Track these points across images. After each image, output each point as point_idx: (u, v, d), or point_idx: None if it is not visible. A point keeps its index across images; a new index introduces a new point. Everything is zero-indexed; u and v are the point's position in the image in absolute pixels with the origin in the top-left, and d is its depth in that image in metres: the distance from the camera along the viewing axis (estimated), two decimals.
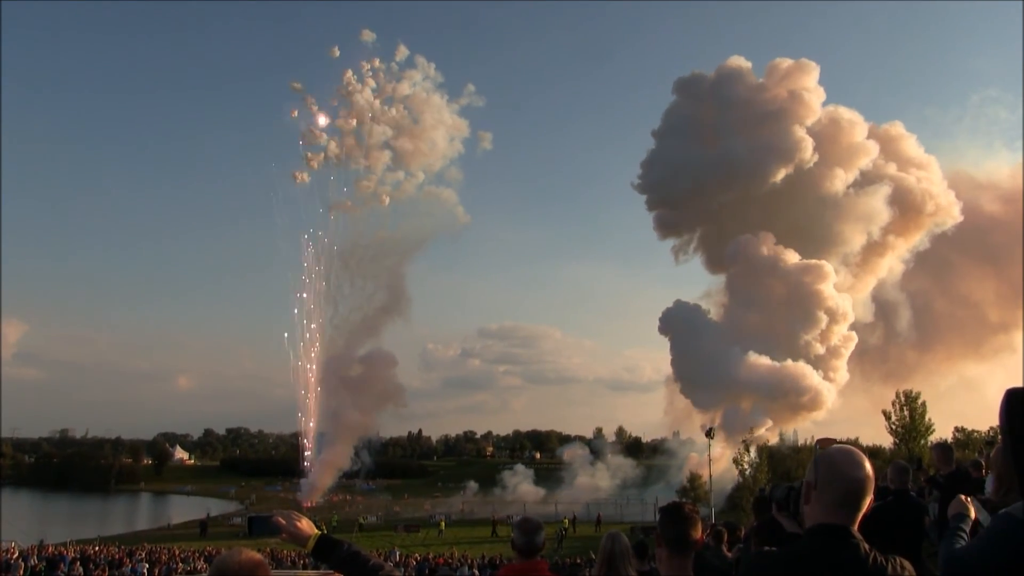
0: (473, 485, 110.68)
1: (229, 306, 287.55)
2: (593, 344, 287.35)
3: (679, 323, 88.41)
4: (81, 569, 32.17)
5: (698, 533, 3.92)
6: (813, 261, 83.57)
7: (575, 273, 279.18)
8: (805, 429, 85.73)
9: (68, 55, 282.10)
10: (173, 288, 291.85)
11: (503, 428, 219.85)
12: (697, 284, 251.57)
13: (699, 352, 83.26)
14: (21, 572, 32.01)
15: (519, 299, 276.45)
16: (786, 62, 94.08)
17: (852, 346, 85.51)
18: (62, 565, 33.19)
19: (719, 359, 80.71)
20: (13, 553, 38.06)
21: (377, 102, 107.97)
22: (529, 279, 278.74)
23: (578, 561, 34.46)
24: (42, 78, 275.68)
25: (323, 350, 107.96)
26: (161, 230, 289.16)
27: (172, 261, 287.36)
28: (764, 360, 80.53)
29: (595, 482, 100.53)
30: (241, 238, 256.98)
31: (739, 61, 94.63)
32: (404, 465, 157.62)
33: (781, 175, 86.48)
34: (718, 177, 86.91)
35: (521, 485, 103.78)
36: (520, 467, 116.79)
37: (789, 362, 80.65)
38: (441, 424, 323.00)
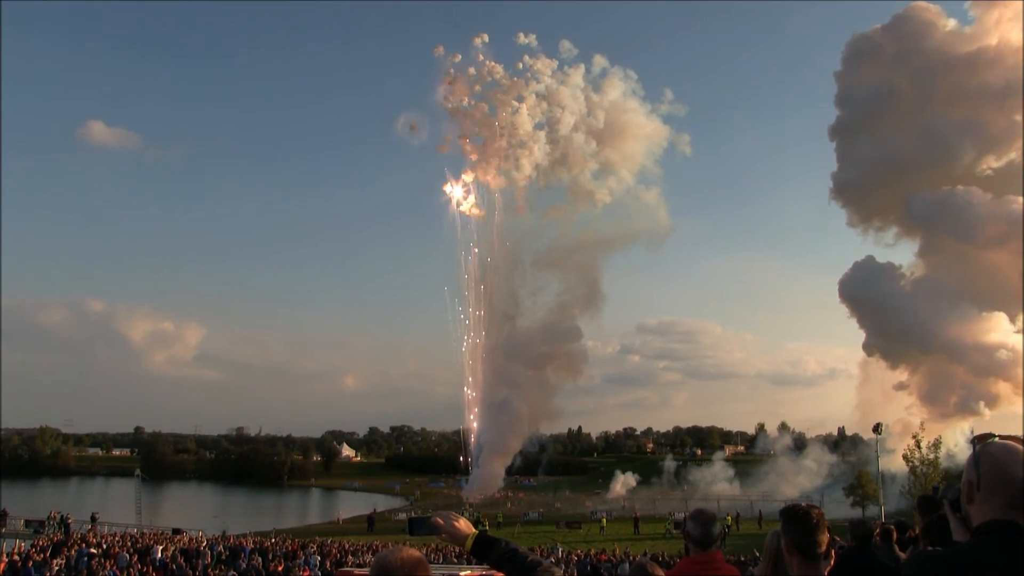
0: (671, 463, 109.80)
1: (392, 307, 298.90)
2: (754, 338, 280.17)
3: (866, 286, 79.43)
4: (260, 559, 33.83)
5: (826, 537, 3.84)
6: None
7: (732, 265, 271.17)
8: (986, 423, 76.80)
9: (255, 74, 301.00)
10: (339, 291, 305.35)
11: (663, 424, 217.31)
12: None
13: (895, 318, 74.59)
14: (209, 559, 34.24)
15: (676, 294, 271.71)
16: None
17: None
18: (243, 555, 35.17)
19: (920, 326, 72.10)
20: (202, 542, 40.72)
21: (582, 107, 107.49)
22: (685, 273, 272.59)
23: (743, 559, 33.66)
24: (212, 96, 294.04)
25: (493, 340, 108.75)
26: (327, 234, 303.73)
27: (337, 263, 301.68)
28: (982, 331, 71.81)
29: (789, 477, 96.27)
30: (405, 239, 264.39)
31: (925, 6, 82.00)
32: (564, 462, 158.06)
33: (1000, 163, 75.22)
34: (918, 167, 76.96)
35: (715, 483, 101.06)
36: (719, 455, 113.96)
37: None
38: (601, 421, 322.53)
